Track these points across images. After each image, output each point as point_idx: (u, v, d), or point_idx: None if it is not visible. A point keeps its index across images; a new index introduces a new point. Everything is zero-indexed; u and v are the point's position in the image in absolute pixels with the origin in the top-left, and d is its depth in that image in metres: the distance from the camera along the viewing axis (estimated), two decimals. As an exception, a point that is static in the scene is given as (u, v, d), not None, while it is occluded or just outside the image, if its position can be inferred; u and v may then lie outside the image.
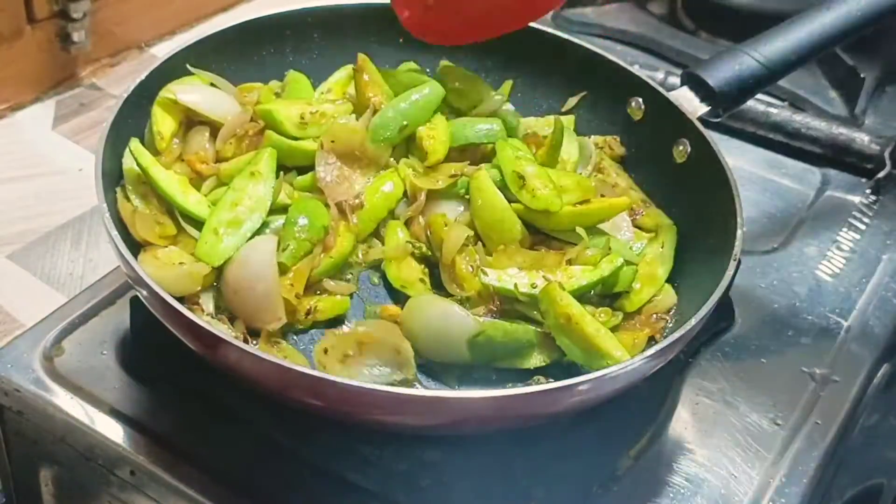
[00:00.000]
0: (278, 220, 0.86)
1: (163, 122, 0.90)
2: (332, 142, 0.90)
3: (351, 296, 0.87)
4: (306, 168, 0.90)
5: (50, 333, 0.88)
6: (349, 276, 0.88)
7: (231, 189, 0.85)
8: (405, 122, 0.92)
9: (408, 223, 0.91)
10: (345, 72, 1.01)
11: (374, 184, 0.91)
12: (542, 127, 1.01)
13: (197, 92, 0.92)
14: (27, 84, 1.33)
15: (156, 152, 0.89)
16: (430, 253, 0.89)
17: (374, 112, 0.93)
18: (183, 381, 0.84)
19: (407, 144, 0.95)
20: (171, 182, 0.85)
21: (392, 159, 0.93)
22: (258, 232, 0.84)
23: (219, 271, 0.82)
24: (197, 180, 0.89)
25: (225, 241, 0.82)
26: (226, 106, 0.93)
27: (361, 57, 0.96)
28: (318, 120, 0.92)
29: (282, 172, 0.88)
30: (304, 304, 0.83)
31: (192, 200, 0.85)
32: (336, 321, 0.85)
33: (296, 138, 0.91)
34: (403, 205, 0.92)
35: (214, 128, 0.92)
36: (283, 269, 0.82)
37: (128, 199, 0.84)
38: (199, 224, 0.84)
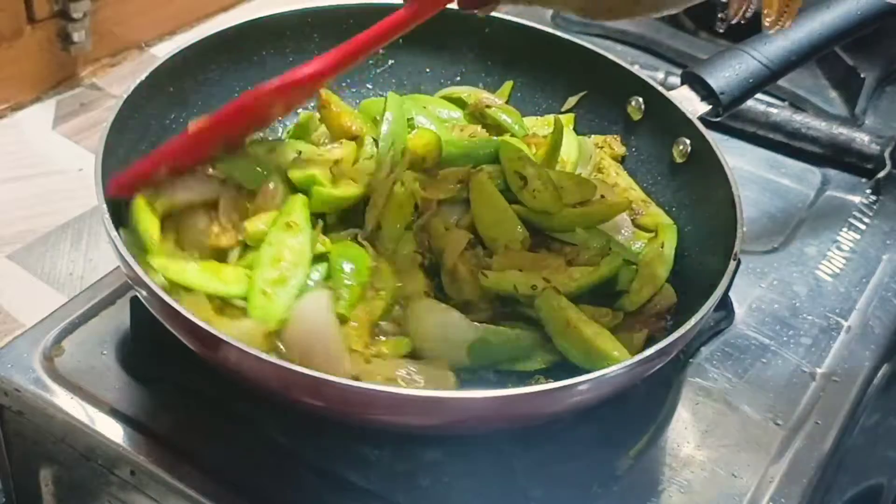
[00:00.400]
0: (316, 271, 0.83)
1: (146, 222, 0.83)
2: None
3: None
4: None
5: (50, 333, 0.88)
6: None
7: (268, 244, 0.82)
8: (395, 142, 0.92)
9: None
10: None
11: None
12: (542, 127, 1.01)
13: (173, 186, 0.86)
14: (27, 84, 1.33)
15: (145, 250, 0.83)
16: (435, 260, 0.88)
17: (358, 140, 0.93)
18: (183, 381, 0.84)
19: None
20: (203, 276, 0.81)
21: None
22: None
23: (277, 333, 0.79)
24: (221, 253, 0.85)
25: (276, 300, 0.79)
26: (201, 183, 0.87)
27: (325, 93, 0.95)
28: (344, 170, 0.90)
29: (319, 221, 0.86)
30: (369, 352, 0.80)
31: (231, 279, 0.81)
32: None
33: None
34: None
35: (206, 206, 0.87)
36: (342, 320, 0.80)
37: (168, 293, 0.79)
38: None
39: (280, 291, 0.80)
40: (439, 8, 0.82)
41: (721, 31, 0.67)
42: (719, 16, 0.67)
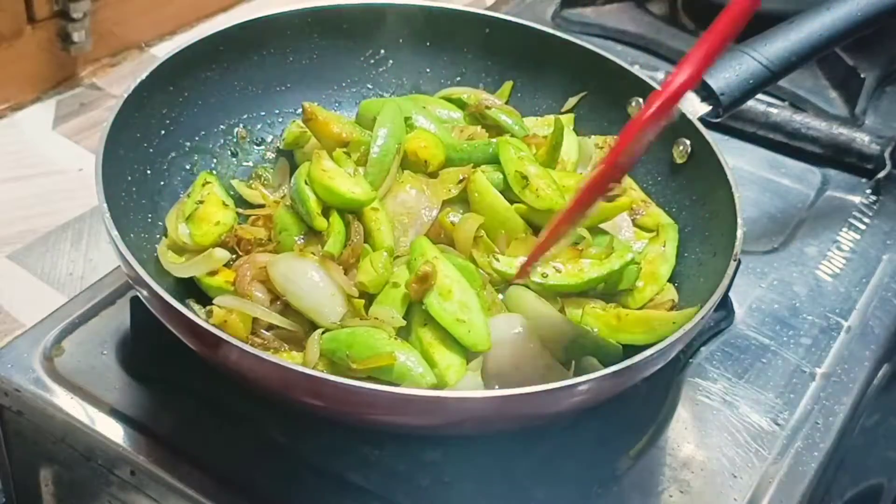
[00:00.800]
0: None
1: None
2: None
3: None
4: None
5: (50, 333, 0.88)
6: None
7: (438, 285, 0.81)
8: (398, 144, 0.92)
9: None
10: (296, 126, 0.99)
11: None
12: (542, 127, 1.01)
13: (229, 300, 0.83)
14: (27, 84, 1.33)
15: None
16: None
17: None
18: (183, 381, 0.84)
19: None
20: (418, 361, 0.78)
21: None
22: None
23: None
24: None
25: (475, 323, 0.79)
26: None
27: (308, 105, 0.94)
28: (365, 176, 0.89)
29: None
30: None
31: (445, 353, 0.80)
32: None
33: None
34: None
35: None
36: None
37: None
38: None
39: (472, 315, 0.80)
40: None
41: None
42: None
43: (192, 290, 0.85)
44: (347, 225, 0.85)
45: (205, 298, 0.84)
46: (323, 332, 0.80)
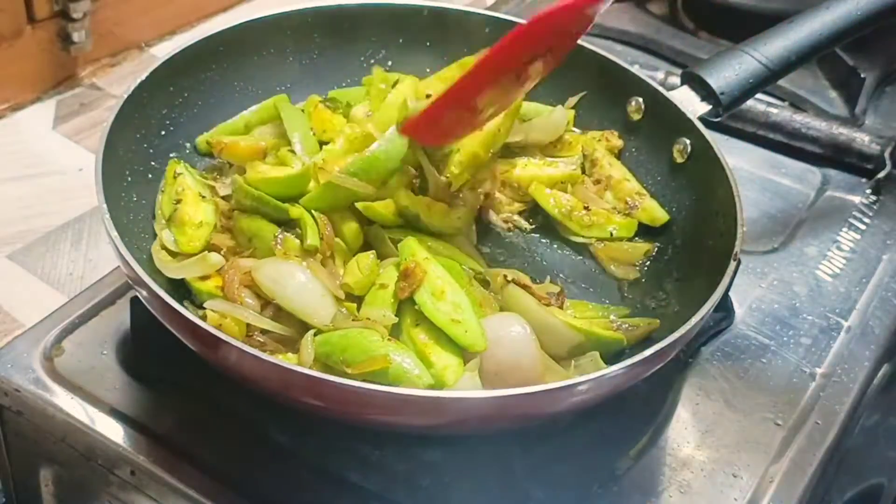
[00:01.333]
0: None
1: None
2: None
3: None
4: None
5: (50, 333, 0.88)
6: None
7: (423, 289, 0.81)
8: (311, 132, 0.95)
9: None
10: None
11: None
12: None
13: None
14: (27, 84, 1.33)
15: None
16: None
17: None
18: (183, 381, 0.84)
19: None
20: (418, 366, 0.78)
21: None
22: None
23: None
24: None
25: (470, 322, 0.79)
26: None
27: (207, 140, 0.95)
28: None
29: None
30: None
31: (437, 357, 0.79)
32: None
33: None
34: None
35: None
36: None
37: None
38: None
39: (466, 314, 0.79)
40: None
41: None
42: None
43: (191, 290, 0.85)
44: (316, 220, 0.85)
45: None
46: (315, 334, 0.80)
